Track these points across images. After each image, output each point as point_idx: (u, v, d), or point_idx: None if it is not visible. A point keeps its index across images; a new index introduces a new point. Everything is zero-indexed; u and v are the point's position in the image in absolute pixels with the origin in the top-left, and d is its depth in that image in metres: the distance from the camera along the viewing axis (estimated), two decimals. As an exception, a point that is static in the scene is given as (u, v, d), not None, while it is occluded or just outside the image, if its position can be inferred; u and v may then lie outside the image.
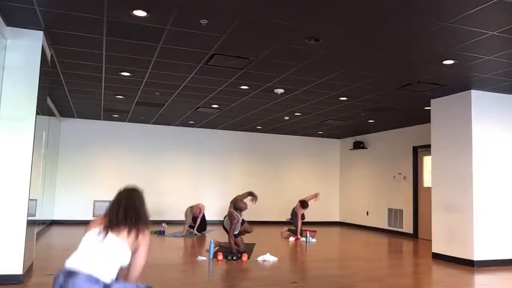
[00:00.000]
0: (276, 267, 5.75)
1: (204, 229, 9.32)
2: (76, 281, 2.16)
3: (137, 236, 2.39)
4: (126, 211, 2.43)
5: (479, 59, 5.02)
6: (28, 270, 4.68)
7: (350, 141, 12.48)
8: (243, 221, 6.83)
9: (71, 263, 2.25)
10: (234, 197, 6.92)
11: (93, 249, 2.29)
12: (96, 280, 2.18)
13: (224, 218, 6.89)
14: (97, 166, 10.74)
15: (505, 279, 5.53)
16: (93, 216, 10.50)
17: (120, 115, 9.91)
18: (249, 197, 7.00)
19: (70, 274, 2.19)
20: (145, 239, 2.43)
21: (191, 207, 9.27)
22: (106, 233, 2.33)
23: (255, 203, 7.14)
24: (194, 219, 9.21)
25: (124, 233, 2.36)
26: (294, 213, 9.26)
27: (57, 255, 6.17)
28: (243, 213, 6.81)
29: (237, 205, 6.68)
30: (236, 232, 6.63)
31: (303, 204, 9.12)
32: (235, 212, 6.62)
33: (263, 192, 12.07)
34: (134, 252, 2.40)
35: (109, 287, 2.22)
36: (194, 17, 4.02)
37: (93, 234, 2.34)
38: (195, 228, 9.11)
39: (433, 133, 7.10)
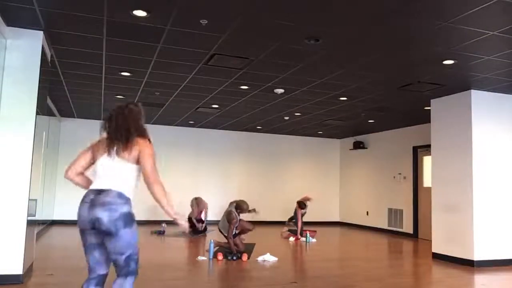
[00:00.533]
0: (276, 267, 5.75)
1: (205, 229, 9.33)
2: (107, 196, 2.36)
3: (131, 150, 2.46)
4: (117, 131, 2.50)
5: (479, 59, 5.02)
6: (28, 270, 4.67)
7: (350, 141, 12.47)
8: (240, 220, 6.78)
9: (98, 185, 2.43)
10: (239, 200, 6.89)
11: (109, 172, 2.45)
12: (120, 194, 2.40)
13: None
14: (97, 166, 10.73)
15: (505, 279, 5.53)
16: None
17: (120, 115, 9.90)
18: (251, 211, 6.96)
19: (102, 191, 2.39)
20: (141, 149, 2.47)
21: (196, 199, 9.32)
22: (110, 155, 2.47)
23: (255, 213, 7.08)
24: (197, 220, 9.23)
25: (121, 151, 2.46)
26: (295, 213, 9.29)
27: (57, 255, 6.17)
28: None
29: (239, 204, 6.65)
30: (235, 232, 6.63)
31: (301, 204, 9.17)
32: (234, 212, 6.60)
33: (263, 192, 12.08)
34: (136, 163, 2.49)
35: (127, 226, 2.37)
36: (194, 17, 4.02)
37: (102, 161, 2.49)
38: (202, 227, 9.16)
39: (433, 133, 7.10)
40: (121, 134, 2.49)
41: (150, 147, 2.52)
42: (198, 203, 9.33)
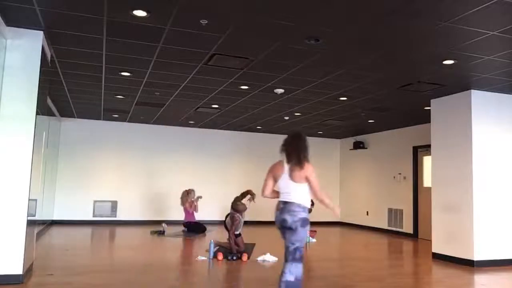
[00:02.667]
0: (276, 267, 5.75)
1: (204, 229, 9.33)
2: (291, 206, 3.42)
3: (301, 173, 3.41)
4: (289, 156, 3.49)
5: (479, 59, 5.02)
6: (28, 270, 4.68)
7: (350, 141, 12.47)
8: (240, 234, 6.78)
9: (285, 198, 3.47)
10: (234, 198, 6.91)
11: (289, 189, 3.46)
12: (299, 205, 3.42)
13: (226, 217, 6.89)
14: (97, 166, 10.74)
15: (505, 279, 5.53)
16: (93, 216, 10.55)
17: (120, 115, 9.91)
18: (248, 196, 7.00)
19: (287, 202, 3.45)
20: (308, 172, 3.43)
21: (187, 191, 9.40)
22: (288, 176, 3.45)
23: (253, 202, 7.11)
24: (188, 223, 9.30)
25: (295, 173, 3.42)
26: None
27: (57, 255, 6.17)
28: (244, 213, 6.82)
29: (235, 207, 6.68)
30: (237, 232, 6.64)
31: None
32: (236, 214, 6.62)
33: (263, 192, 12.06)
34: (306, 181, 3.45)
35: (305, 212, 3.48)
36: (194, 17, 4.02)
37: (283, 180, 3.48)
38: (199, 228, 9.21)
39: (433, 133, 7.10)
40: (295, 159, 3.44)
41: (314, 170, 3.46)
42: (188, 195, 9.44)
